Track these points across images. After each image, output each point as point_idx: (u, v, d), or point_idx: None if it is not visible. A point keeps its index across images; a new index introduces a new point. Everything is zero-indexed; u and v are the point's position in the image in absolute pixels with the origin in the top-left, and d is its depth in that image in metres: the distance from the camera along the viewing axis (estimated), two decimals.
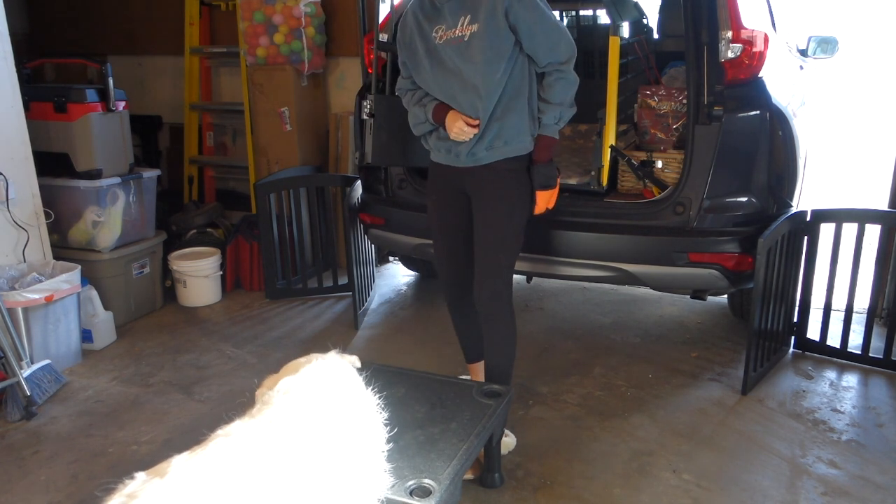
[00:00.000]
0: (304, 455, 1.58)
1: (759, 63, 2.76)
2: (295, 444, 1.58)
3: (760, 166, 2.79)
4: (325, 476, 1.58)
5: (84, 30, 5.29)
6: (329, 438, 1.65)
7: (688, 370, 3.18)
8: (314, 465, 1.58)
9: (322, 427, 1.66)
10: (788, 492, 2.34)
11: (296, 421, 1.64)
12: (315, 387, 1.78)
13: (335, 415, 1.73)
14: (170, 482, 1.39)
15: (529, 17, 2.26)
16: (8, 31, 3.13)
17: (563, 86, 2.35)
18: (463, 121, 2.33)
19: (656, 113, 3.10)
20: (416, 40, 2.40)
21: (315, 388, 1.78)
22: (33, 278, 3.12)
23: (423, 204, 3.27)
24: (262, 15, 4.19)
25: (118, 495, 1.38)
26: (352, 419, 1.76)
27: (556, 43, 2.30)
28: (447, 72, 2.34)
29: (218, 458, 1.48)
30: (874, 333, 3.18)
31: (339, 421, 1.72)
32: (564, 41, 2.32)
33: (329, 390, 1.79)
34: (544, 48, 2.30)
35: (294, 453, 1.57)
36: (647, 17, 3.89)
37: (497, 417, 2.22)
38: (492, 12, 2.24)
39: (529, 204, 2.45)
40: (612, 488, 2.36)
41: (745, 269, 2.82)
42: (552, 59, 2.32)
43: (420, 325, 3.73)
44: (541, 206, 2.46)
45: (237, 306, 4.00)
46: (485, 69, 2.27)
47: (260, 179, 4.11)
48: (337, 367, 1.90)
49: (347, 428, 1.72)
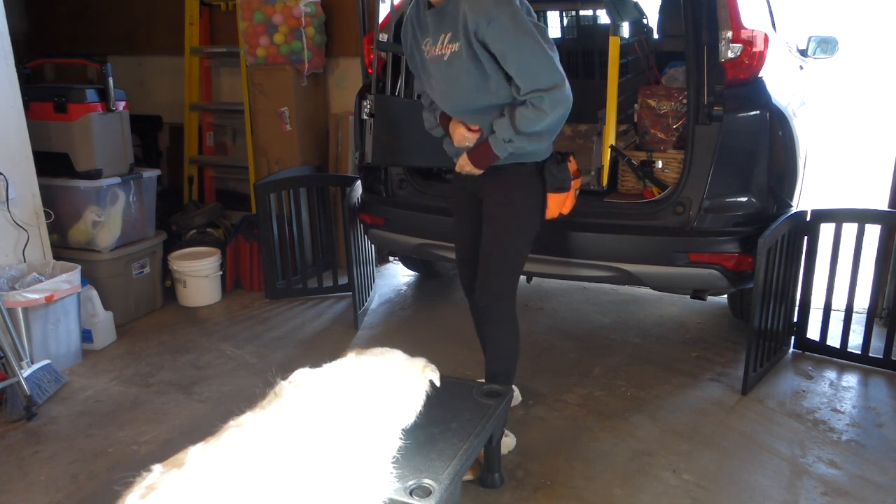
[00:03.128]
0: (308, 448, 1.60)
1: (759, 63, 2.76)
2: (299, 436, 1.61)
3: (760, 166, 2.79)
4: (326, 471, 1.60)
5: (84, 30, 5.29)
6: (330, 434, 1.66)
7: (688, 370, 3.18)
8: (317, 458, 1.60)
9: (325, 422, 1.67)
10: (788, 492, 2.34)
11: (302, 414, 1.67)
12: (329, 381, 1.81)
13: (343, 411, 1.74)
14: (188, 472, 1.43)
15: (500, 41, 2.10)
16: (8, 31, 3.13)
17: (529, 116, 2.14)
18: (464, 127, 2.32)
19: (656, 113, 3.10)
20: (413, 50, 2.38)
21: (328, 383, 1.80)
22: (33, 278, 3.12)
23: (423, 204, 3.29)
24: (262, 15, 4.19)
25: (138, 487, 1.39)
26: (361, 417, 1.77)
27: (535, 71, 2.10)
28: (440, 84, 2.30)
29: (232, 448, 1.52)
30: (874, 333, 3.18)
31: (345, 417, 1.73)
32: (546, 68, 2.11)
33: (344, 386, 1.82)
34: (521, 75, 2.12)
35: (299, 445, 1.59)
36: (647, 17, 3.89)
37: (497, 417, 2.22)
38: (465, 33, 2.13)
39: (540, 208, 2.39)
40: (612, 488, 2.36)
41: (745, 269, 2.82)
42: (532, 87, 2.12)
43: (420, 325, 3.73)
44: (552, 209, 2.39)
45: (237, 306, 4.00)
46: (470, 90, 2.21)
47: (260, 179, 4.11)
48: (385, 369, 1.96)
49: (353, 425, 1.73)
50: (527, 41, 2.09)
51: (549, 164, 2.34)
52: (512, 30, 2.08)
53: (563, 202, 2.40)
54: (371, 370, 1.93)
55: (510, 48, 2.10)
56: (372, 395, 1.85)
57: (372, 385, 1.87)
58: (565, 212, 2.43)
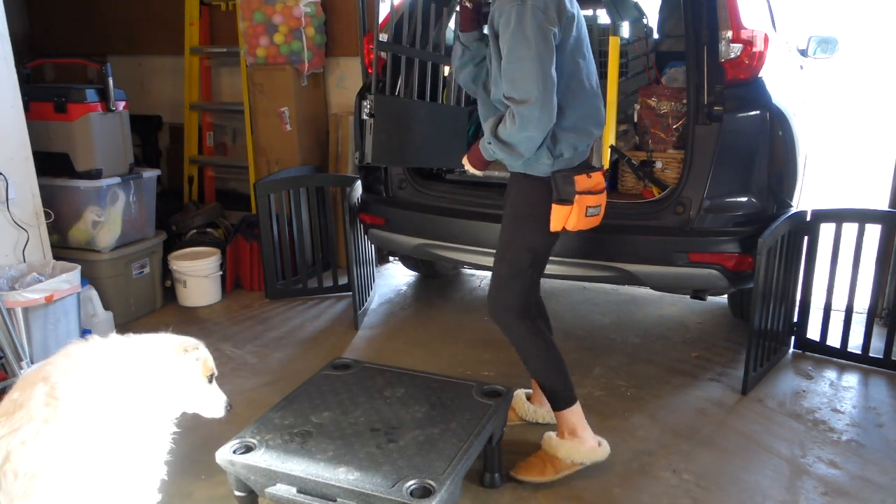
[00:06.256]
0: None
1: (759, 63, 2.76)
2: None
3: (760, 166, 2.79)
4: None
5: (84, 30, 5.29)
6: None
7: (688, 370, 3.18)
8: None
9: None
10: (788, 492, 2.34)
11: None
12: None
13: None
14: None
15: (502, 36, 2.08)
16: (8, 32, 3.12)
17: (506, 122, 2.11)
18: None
19: (656, 113, 3.10)
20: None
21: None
22: (33, 278, 3.12)
23: (423, 204, 3.29)
24: (262, 15, 4.19)
25: None
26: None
27: (514, 77, 2.05)
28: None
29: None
30: (874, 333, 3.18)
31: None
32: (524, 79, 2.03)
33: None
34: (504, 77, 2.08)
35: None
36: (647, 17, 3.89)
37: (497, 417, 2.22)
38: (491, 18, 2.13)
39: (545, 220, 2.27)
40: (611, 488, 2.36)
41: (745, 269, 2.82)
42: (507, 93, 2.08)
43: (420, 325, 3.73)
44: (554, 221, 2.25)
45: (237, 306, 4.00)
46: (493, 78, 2.20)
47: (260, 179, 4.11)
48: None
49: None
50: (519, 45, 2.02)
51: (556, 174, 2.24)
52: (512, 28, 2.03)
53: (567, 216, 2.24)
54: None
55: (504, 45, 2.07)
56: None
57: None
58: (570, 227, 2.26)
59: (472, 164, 2.37)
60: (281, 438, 2.09)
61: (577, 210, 2.23)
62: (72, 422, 1.64)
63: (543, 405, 2.66)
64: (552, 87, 2.05)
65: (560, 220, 2.25)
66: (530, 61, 2.02)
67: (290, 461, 1.98)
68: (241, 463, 1.99)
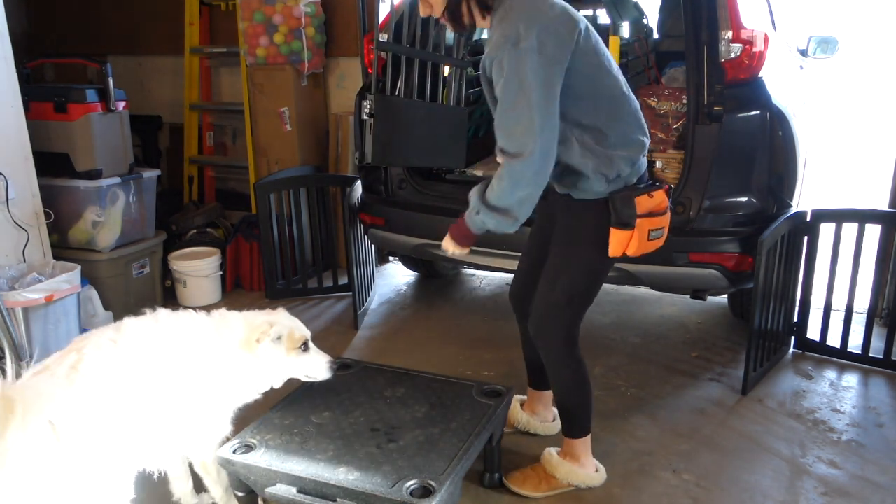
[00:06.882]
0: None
1: (759, 63, 2.76)
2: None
3: (760, 166, 2.79)
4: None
5: (84, 30, 5.29)
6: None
7: (688, 370, 3.18)
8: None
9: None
10: (788, 492, 2.34)
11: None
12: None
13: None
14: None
15: (496, 83, 1.91)
16: (8, 32, 3.12)
17: (495, 184, 1.94)
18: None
19: (656, 113, 3.10)
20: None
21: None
22: (33, 278, 3.12)
23: (423, 204, 3.29)
24: (262, 15, 4.19)
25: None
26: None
27: (507, 126, 1.90)
28: None
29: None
30: (874, 333, 3.17)
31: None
32: (519, 130, 1.87)
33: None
34: (496, 128, 1.93)
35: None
36: (647, 17, 3.89)
37: (497, 417, 2.22)
38: (482, 68, 2.02)
39: (605, 245, 2.08)
40: (612, 488, 2.36)
41: (745, 269, 2.82)
42: (500, 144, 1.93)
43: (420, 325, 3.73)
44: (613, 247, 2.05)
45: (237, 306, 3.98)
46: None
47: (260, 179, 4.11)
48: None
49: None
50: (513, 93, 1.86)
51: (613, 195, 2.04)
52: (505, 75, 1.87)
53: (627, 241, 2.03)
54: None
55: (498, 94, 1.91)
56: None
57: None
58: (631, 253, 2.06)
59: (456, 243, 2.14)
60: (281, 438, 2.09)
61: (639, 235, 2.03)
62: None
63: (537, 415, 2.65)
64: (551, 139, 1.90)
65: (620, 246, 2.05)
66: (527, 110, 1.85)
67: (290, 461, 1.98)
68: (241, 463, 1.99)
